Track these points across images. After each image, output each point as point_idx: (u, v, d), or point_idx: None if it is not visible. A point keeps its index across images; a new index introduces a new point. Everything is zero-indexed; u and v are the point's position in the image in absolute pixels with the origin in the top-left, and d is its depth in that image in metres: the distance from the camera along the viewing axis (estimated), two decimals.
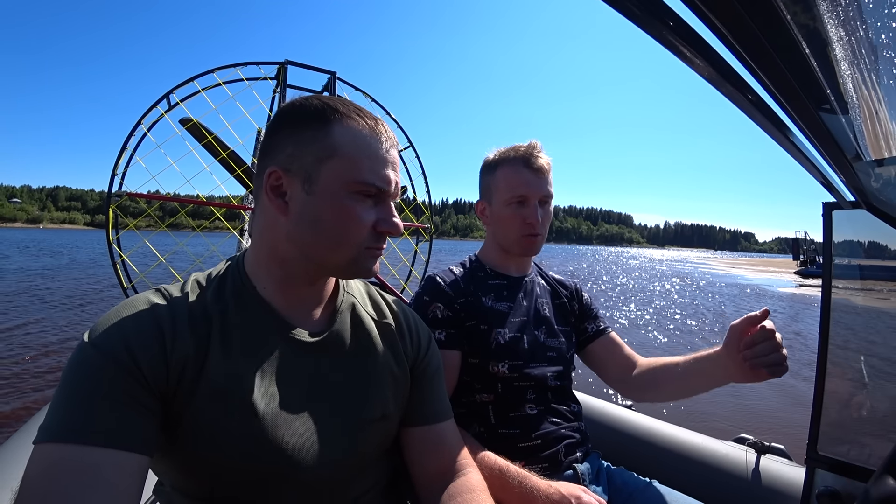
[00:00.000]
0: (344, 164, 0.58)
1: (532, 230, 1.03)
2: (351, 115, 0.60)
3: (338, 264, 0.62)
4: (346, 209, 0.59)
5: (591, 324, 1.16)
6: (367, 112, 0.63)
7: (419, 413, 0.73)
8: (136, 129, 2.82)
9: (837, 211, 0.97)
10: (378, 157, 0.60)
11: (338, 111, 0.60)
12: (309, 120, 0.59)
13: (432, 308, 1.00)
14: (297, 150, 0.59)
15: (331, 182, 0.58)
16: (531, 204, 1.03)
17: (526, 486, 0.81)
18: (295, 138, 0.59)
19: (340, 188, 0.59)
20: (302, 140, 0.59)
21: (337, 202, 0.59)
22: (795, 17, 0.27)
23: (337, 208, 0.59)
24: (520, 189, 1.03)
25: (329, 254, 0.61)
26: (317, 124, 0.59)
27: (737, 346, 0.84)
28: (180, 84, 2.90)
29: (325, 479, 0.61)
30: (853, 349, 1.05)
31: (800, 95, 0.38)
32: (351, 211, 0.59)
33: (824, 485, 0.94)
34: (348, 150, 0.59)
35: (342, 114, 0.60)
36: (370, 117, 0.62)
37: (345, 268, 0.63)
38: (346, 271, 0.64)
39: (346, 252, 0.61)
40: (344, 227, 0.59)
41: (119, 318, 0.54)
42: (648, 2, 0.25)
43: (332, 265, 0.63)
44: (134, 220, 2.93)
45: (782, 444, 1.26)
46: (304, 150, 0.59)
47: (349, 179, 0.59)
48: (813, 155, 0.59)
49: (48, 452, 0.47)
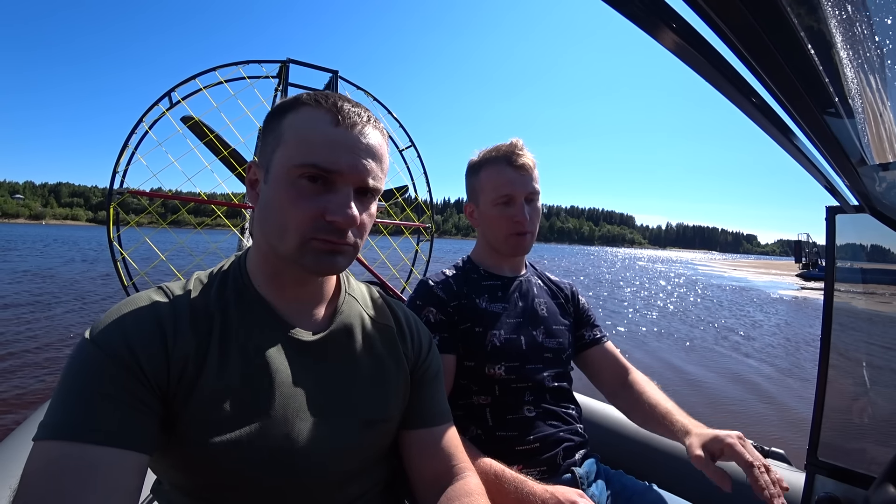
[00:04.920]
0: (288, 148, 0.57)
1: (520, 228, 1.03)
2: (311, 101, 0.58)
3: (288, 255, 0.58)
4: (287, 194, 0.56)
5: (589, 331, 1.16)
6: (336, 97, 0.59)
7: (419, 415, 0.73)
8: (137, 127, 2.83)
9: (841, 215, 0.97)
10: (326, 138, 0.56)
11: (300, 100, 0.59)
12: (275, 112, 0.61)
13: (425, 312, 1.00)
14: (264, 143, 0.61)
15: (279, 168, 0.57)
16: (517, 203, 1.03)
17: (522, 491, 0.81)
18: (264, 132, 0.62)
19: (285, 174, 0.56)
20: (266, 132, 0.61)
21: (281, 188, 0.57)
22: (801, 20, 0.27)
23: (281, 194, 0.56)
24: (504, 188, 1.03)
25: (277, 242, 0.58)
26: (278, 115, 0.60)
27: (710, 454, 0.81)
28: (182, 82, 2.90)
29: (324, 479, 0.61)
30: (855, 354, 1.04)
31: (804, 99, 0.37)
32: (289, 196, 0.56)
33: (824, 491, 0.94)
34: (293, 135, 0.57)
35: (303, 102, 0.59)
36: (332, 101, 0.58)
37: (298, 259, 0.58)
38: (301, 264, 0.58)
39: (290, 241, 0.57)
40: (282, 214, 0.56)
41: (120, 315, 0.54)
42: (652, 4, 0.24)
43: (284, 256, 0.59)
44: (135, 218, 2.94)
45: (782, 449, 1.26)
46: (266, 142, 0.61)
47: (291, 164, 0.56)
48: (817, 159, 0.58)
49: (47, 450, 0.47)
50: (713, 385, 5.04)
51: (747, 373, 5.60)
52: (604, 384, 1.13)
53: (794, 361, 6.29)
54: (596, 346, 1.14)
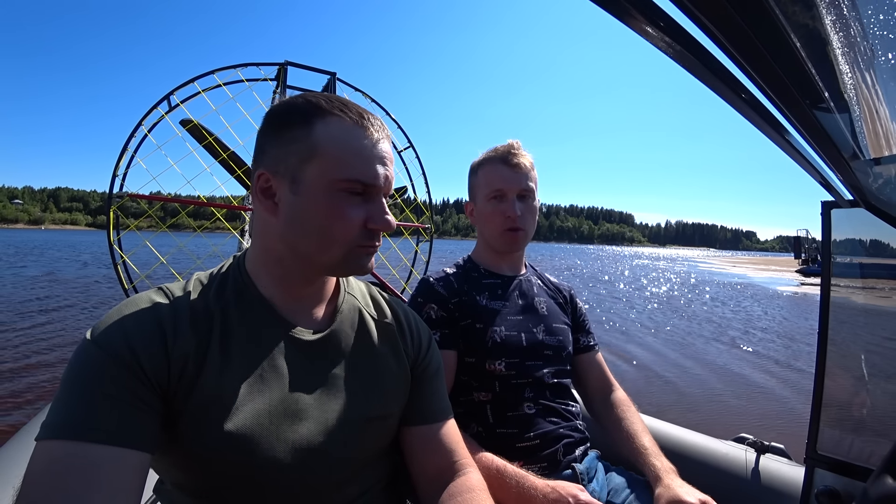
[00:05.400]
0: (327, 162, 0.57)
1: (512, 224, 1.05)
2: (334, 110, 0.59)
3: (329, 263, 0.61)
4: (333, 208, 0.58)
5: (583, 337, 1.17)
6: (353, 106, 0.61)
7: (419, 412, 0.73)
8: (136, 131, 2.83)
9: (836, 210, 0.97)
10: (363, 153, 0.59)
11: (320, 108, 0.59)
12: (292, 120, 0.59)
13: (426, 309, 1.01)
14: (282, 151, 0.59)
15: (315, 182, 0.58)
16: (509, 198, 1.05)
17: (523, 486, 0.81)
18: (279, 139, 0.59)
19: (325, 187, 0.58)
20: (285, 141, 0.59)
21: (323, 202, 0.58)
22: (786, 14, 0.27)
23: (323, 208, 0.58)
24: (497, 184, 1.05)
25: (319, 253, 0.60)
26: (299, 123, 0.58)
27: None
28: (181, 85, 2.91)
29: (325, 477, 0.61)
30: (853, 348, 1.04)
31: (794, 94, 0.38)
32: (337, 210, 0.58)
33: (823, 484, 0.94)
34: (330, 148, 0.57)
35: (324, 110, 0.59)
36: (356, 112, 0.60)
37: (337, 266, 0.62)
38: (339, 269, 0.63)
39: (336, 251, 0.60)
40: (331, 227, 0.58)
41: (121, 316, 0.54)
42: (639, 3, 0.25)
43: (324, 264, 0.62)
44: (135, 221, 2.94)
45: (782, 444, 1.26)
46: (288, 151, 0.58)
47: (333, 178, 0.58)
48: (810, 154, 0.59)
49: (50, 449, 0.47)
50: (712, 379, 5.05)
51: (747, 367, 5.61)
52: (587, 392, 1.15)
53: (793, 356, 6.30)
54: (587, 352, 1.16)
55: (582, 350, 1.16)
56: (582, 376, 1.15)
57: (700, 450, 1.27)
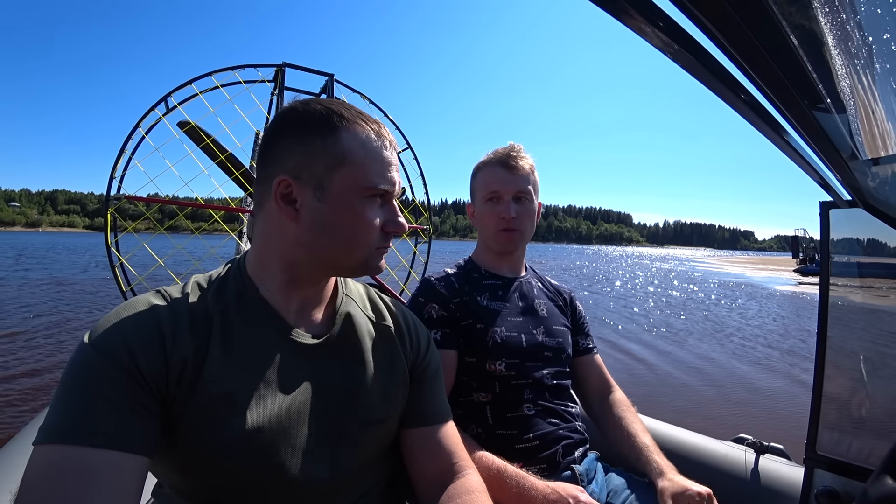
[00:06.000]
0: (355, 170, 0.60)
1: (506, 225, 1.06)
2: (356, 120, 0.61)
3: (350, 265, 0.64)
4: (360, 214, 0.61)
5: (582, 339, 1.18)
6: (368, 115, 0.64)
7: (418, 414, 0.73)
8: (134, 133, 2.82)
9: (835, 210, 0.97)
10: (384, 161, 0.62)
11: (343, 117, 0.60)
12: (315, 127, 0.59)
13: (427, 308, 1.01)
14: (306, 158, 0.59)
15: (344, 189, 0.60)
16: (505, 200, 1.06)
17: (523, 487, 0.81)
18: (303, 147, 0.59)
19: (354, 194, 0.60)
20: (310, 148, 0.59)
21: (350, 208, 0.60)
22: (786, 15, 0.27)
23: (351, 213, 0.60)
24: (493, 186, 1.07)
25: (343, 257, 0.63)
26: (324, 131, 0.59)
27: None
28: (178, 87, 2.90)
29: (325, 481, 0.61)
30: (851, 348, 1.04)
31: (793, 94, 0.38)
32: (363, 215, 0.61)
33: (823, 484, 0.94)
34: (358, 157, 0.60)
35: (348, 119, 0.61)
36: (372, 121, 0.63)
37: (356, 268, 0.65)
38: (358, 270, 0.66)
39: (359, 254, 0.63)
40: (357, 231, 0.61)
41: (119, 319, 0.54)
42: (639, 3, 0.25)
43: (344, 266, 0.65)
44: (133, 224, 2.93)
45: (781, 444, 1.26)
46: (314, 159, 0.59)
47: (361, 185, 0.60)
48: (808, 154, 0.59)
49: (48, 453, 0.47)
50: (712, 379, 5.05)
51: (746, 367, 5.62)
52: (586, 394, 1.15)
53: (793, 356, 6.30)
54: (586, 355, 1.17)
55: (581, 352, 1.16)
56: (581, 378, 1.15)
57: (699, 450, 1.27)
